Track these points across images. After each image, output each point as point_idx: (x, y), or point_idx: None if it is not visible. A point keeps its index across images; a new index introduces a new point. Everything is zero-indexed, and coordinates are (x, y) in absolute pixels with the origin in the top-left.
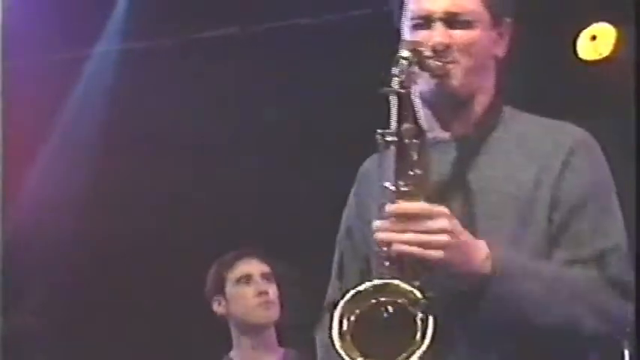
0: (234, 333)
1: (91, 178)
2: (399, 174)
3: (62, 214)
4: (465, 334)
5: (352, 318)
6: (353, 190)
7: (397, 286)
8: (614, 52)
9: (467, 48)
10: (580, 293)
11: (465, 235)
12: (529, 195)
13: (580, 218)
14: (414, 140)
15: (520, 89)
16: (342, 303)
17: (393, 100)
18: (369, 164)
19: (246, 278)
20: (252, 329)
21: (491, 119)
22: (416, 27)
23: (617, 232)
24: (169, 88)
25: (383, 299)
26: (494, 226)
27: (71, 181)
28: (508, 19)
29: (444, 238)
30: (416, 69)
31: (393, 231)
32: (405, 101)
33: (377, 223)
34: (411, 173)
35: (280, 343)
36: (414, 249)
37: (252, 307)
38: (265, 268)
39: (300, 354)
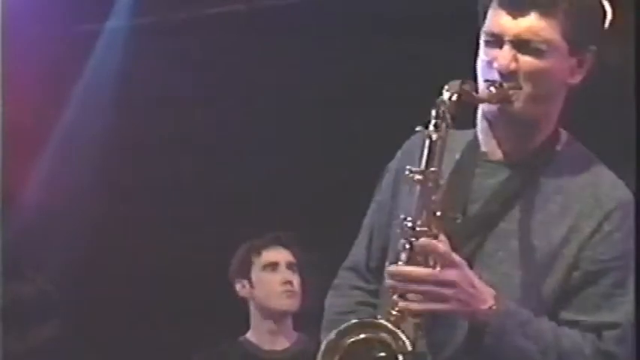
0: (254, 316)
1: (106, 159)
2: (418, 213)
3: (77, 195)
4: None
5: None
6: (392, 165)
7: (389, 329)
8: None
9: (534, 76)
10: (567, 355)
11: (474, 286)
12: (554, 251)
13: (595, 285)
14: (439, 182)
15: None
16: (329, 339)
17: (427, 143)
18: (411, 143)
19: (273, 266)
20: (273, 315)
21: (547, 150)
22: (487, 43)
23: (624, 310)
24: (181, 63)
25: (372, 338)
26: (512, 271)
27: (86, 159)
28: (592, 47)
29: (450, 291)
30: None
31: (402, 280)
32: (436, 145)
33: (390, 269)
34: (432, 213)
35: (294, 327)
36: (419, 306)
37: (277, 294)
38: (291, 258)
39: (311, 340)
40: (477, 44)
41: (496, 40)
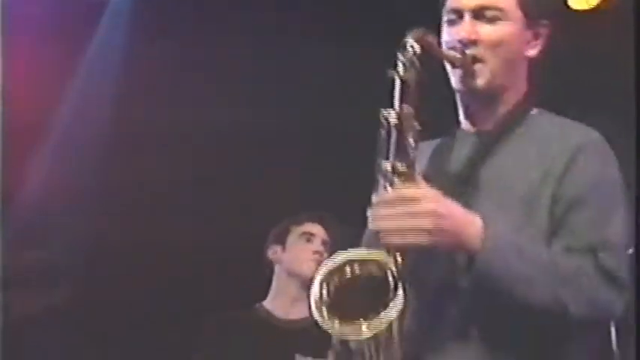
0: (277, 281)
1: (113, 134)
2: (397, 154)
3: (85, 171)
4: (455, 308)
5: (331, 286)
6: None
7: (375, 258)
8: (604, 1)
9: (494, 45)
10: (570, 278)
11: (456, 215)
12: (534, 192)
13: (578, 212)
14: (414, 124)
15: None
16: (321, 273)
17: (396, 84)
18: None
19: (309, 236)
20: (298, 279)
21: (515, 118)
22: (449, 22)
23: (614, 230)
24: (187, 40)
25: (360, 268)
26: (499, 216)
27: (90, 141)
28: (545, 21)
29: (427, 222)
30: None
31: (381, 218)
32: (407, 86)
33: (369, 212)
34: (409, 155)
35: None
36: (401, 240)
37: (306, 260)
38: (326, 237)
39: None
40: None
41: (457, 16)
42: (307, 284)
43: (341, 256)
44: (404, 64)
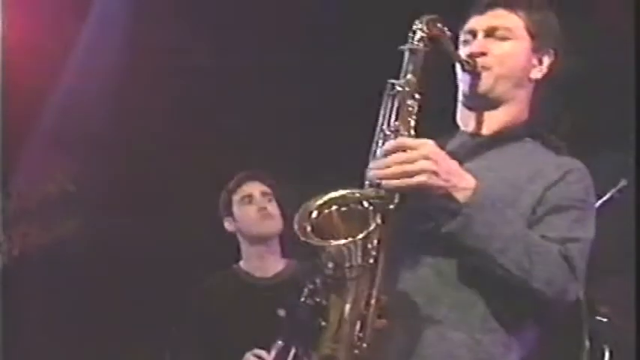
0: (243, 246)
1: (110, 93)
2: (398, 117)
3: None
4: (431, 254)
5: (320, 216)
6: None
7: (357, 195)
8: None
9: (501, 57)
10: (538, 253)
11: (449, 164)
12: (522, 186)
13: (558, 216)
14: (417, 95)
15: None
16: (315, 205)
17: (405, 55)
18: None
19: (249, 198)
20: (258, 240)
21: (512, 132)
22: (464, 43)
23: (583, 234)
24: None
25: (349, 205)
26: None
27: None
28: (551, 50)
29: (424, 164)
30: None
31: (380, 168)
32: (414, 58)
33: (371, 169)
34: (409, 120)
35: (284, 255)
36: (399, 182)
37: (255, 221)
38: (265, 189)
39: (301, 263)
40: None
41: (471, 36)
42: (264, 242)
43: (333, 193)
44: (414, 38)
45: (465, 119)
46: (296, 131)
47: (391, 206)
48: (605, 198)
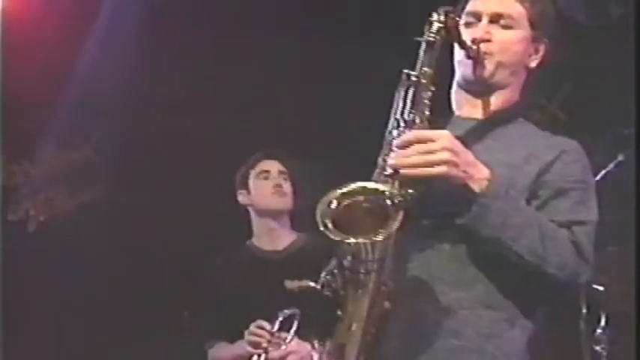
0: (254, 220)
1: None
2: (413, 107)
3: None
4: (448, 242)
5: (340, 205)
6: None
7: (379, 190)
8: None
9: (504, 45)
10: (549, 238)
11: (467, 155)
12: (518, 166)
13: (562, 199)
14: (431, 87)
15: None
16: (335, 195)
17: (422, 47)
18: None
19: (266, 174)
20: (269, 214)
21: (506, 114)
22: (467, 24)
23: (588, 217)
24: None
25: (370, 197)
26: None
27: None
28: (546, 39)
29: (445, 155)
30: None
31: (401, 156)
32: (430, 50)
33: (385, 152)
34: (423, 111)
35: (294, 228)
36: (420, 171)
37: (269, 195)
38: (282, 168)
39: (310, 236)
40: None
41: (475, 19)
42: (276, 216)
43: (356, 184)
44: (431, 29)
45: (460, 103)
46: (314, 114)
47: (408, 197)
48: (603, 172)
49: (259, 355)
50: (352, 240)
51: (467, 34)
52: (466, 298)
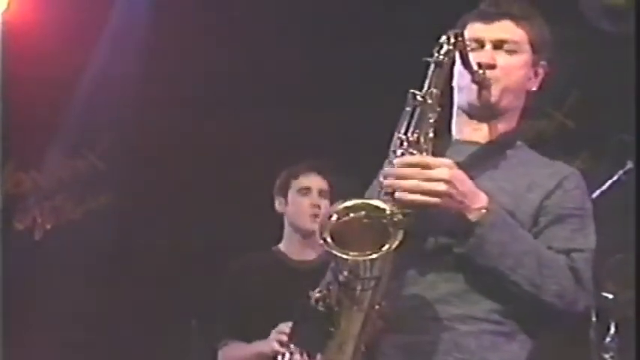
0: (287, 229)
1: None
2: (417, 127)
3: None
4: (447, 269)
5: (340, 219)
6: None
7: (380, 208)
8: None
9: (508, 70)
10: (547, 267)
11: (466, 186)
12: (520, 194)
13: (561, 226)
14: (438, 108)
15: None
16: (336, 209)
17: (431, 68)
18: None
19: (306, 190)
20: (301, 231)
21: (507, 139)
22: (469, 50)
23: (587, 244)
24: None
25: (369, 214)
26: None
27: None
28: (543, 62)
29: (442, 187)
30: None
31: (398, 178)
32: (439, 71)
33: (384, 170)
34: (428, 132)
35: None
36: (414, 197)
37: (304, 215)
38: (324, 185)
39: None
40: None
41: (478, 45)
42: (308, 235)
43: (358, 199)
44: (441, 51)
45: (461, 127)
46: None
47: (408, 223)
48: (612, 180)
49: (283, 355)
50: (349, 256)
51: (471, 59)
52: (468, 315)
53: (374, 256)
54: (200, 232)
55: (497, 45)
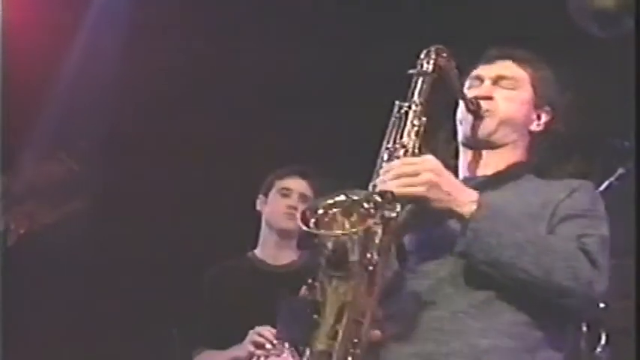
0: (263, 230)
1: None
2: (404, 135)
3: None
4: (448, 267)
5: (327, 213)
6: None
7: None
8: None
9: (505, 102)
10: (556, 250)
11: (451, 179)
12: (537, 213)
13: (570, 223)
14: (423, 117)
15: None
16: (323, 203)
17: (415, 80)
18: None
19: (287, 191)
20: (276, 230)
21: (515, 171)
22: (470, 87)
23: (598, 233)
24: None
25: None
26: None
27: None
28: (548, 108)
29: (427, 175)
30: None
31: (383, 174)
32: (422, 83)
33: (376, 182)
34: (414, 139)
35: (299, 246)
36: (400, 189)
37: (280, 214)
38: (307, 190)
39: (311, 254)
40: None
41: (478, 82)
42: (283, 235)
43: (344, 194)
44: (423, 65)
45: (466, 163)
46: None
47: (393, 214)
48: (604, 185)
49: (259, 357)
50: (331, 231)
51: (469, 94)
52: (489, 328)
53: (358, 228)
54: (177, 237)
55: (496, 81)
